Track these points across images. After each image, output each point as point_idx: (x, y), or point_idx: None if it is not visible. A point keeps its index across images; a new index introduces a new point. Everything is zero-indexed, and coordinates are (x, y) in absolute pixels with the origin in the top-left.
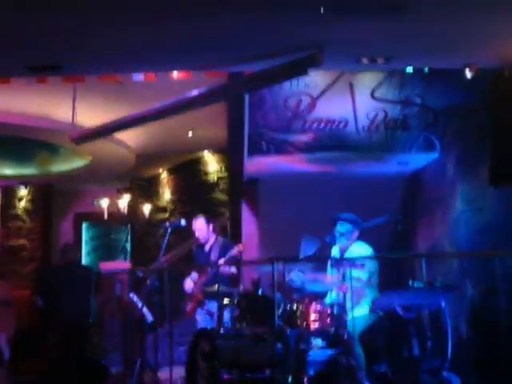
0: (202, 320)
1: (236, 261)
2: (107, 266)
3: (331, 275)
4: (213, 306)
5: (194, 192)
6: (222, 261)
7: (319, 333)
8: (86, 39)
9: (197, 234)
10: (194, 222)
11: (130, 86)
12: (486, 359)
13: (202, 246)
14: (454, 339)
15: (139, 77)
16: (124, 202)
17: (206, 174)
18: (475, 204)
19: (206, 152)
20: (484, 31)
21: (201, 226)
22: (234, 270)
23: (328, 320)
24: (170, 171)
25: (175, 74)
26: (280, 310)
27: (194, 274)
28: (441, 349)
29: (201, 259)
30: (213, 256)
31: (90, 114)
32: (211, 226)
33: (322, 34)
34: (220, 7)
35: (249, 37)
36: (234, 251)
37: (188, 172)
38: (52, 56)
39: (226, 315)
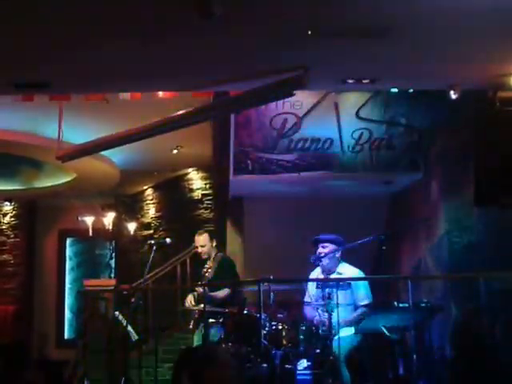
0: (198, 338)
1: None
2: (91, 283)
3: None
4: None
5: (178, 209)
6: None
7: (305, 353)
8: (74, 58)
9: (200, 250)
10: (197, 237)
11: (116, 104)
12: (471, 379)
13: (205, 262)
14: (439, 359)
15: (125, 95)
16: (109, 218)
17: (191, 191)
18: (459, 224)
19: (190, 169)
20: (469, 54)
21: (204, 242)
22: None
23: (313, 340)
24: (155, 188)
25: (161, 93)
26: (265, 330)
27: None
28: (426, 369)
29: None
30: (208, 273)
31: (76, 131)
32: (214, 242)
33: (307, 56)
34: (206, 29)
35: (235, 58)
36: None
37: (173, 189)
38: (40, 74)
39: (214, 334)
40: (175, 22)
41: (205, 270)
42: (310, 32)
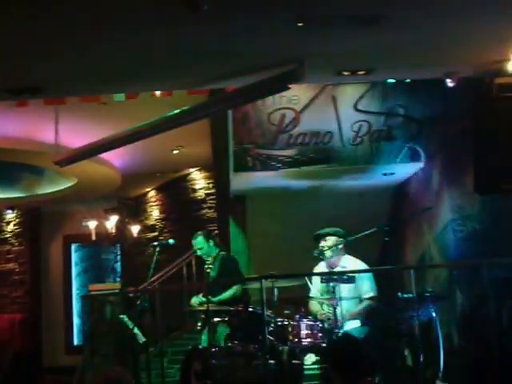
0: (206, 338)
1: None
2: (97, 287)
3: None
4: None
5: (181, 210)
6: None
7: (311, 348)
8: (64, 61)
9: (198, 253)
10: (193, 240)
11: (112, 105)
12: (478, 367)
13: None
14: (446, 348)
15: (120, 96)
16: (112, 222)
17: (194, 191)
18: (462, 212)
19: (192, 169)
20: (464, 41)
21: (200, 245)
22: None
23: (319, 334)
24: (158, 190)
25: (157, 92)
26: (271, 327)
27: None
28: (433, 358)
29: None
30: (212, 273)
31: (74, 135)
32: (212, 242)
33: (301, 49)
34: (198, 26)
35: (229, 53)
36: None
37: (175, 190)
38: (30, 79)
39: (222, 333)
40: (167, 19)
41: (206, 266)
42: (300, 24)
